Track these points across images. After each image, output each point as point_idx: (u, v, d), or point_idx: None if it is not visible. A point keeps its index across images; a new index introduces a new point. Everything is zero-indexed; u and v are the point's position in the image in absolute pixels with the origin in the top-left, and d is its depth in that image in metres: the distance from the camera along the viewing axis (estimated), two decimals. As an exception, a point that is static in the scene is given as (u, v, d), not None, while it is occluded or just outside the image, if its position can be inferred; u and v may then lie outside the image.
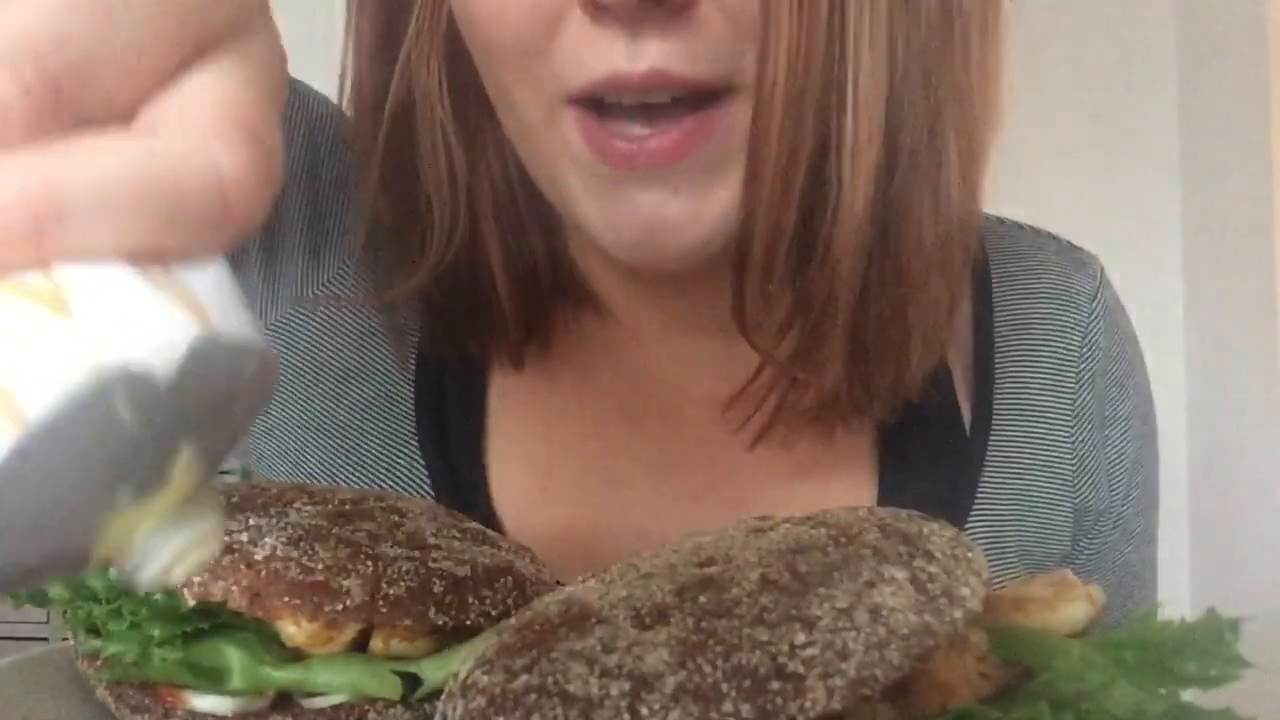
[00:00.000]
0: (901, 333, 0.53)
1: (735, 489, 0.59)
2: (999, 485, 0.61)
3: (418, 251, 0.55)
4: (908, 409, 0.57)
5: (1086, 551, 0.64)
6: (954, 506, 0.59)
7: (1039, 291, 0.65)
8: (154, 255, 0.22)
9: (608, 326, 0.60)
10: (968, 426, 0.61)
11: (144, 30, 0.22)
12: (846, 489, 0.59)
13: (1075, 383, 0.64)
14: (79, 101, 0.22)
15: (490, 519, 0.57)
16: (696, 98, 0.47)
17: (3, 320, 0.22)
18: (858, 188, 0.48)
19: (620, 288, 0.60)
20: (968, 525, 0.59)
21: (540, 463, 0.59)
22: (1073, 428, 0.63)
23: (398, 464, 0.59)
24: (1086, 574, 0.64)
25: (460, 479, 0.58)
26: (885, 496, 0.59)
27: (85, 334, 0.22)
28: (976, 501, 0.60)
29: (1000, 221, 0.67)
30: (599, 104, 0.47)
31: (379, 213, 0.56)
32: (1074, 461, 0.63)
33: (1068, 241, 0.68)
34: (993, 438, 0.61)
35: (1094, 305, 0.65)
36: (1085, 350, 0.64)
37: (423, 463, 0.59)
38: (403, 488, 0.58)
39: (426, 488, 0.58)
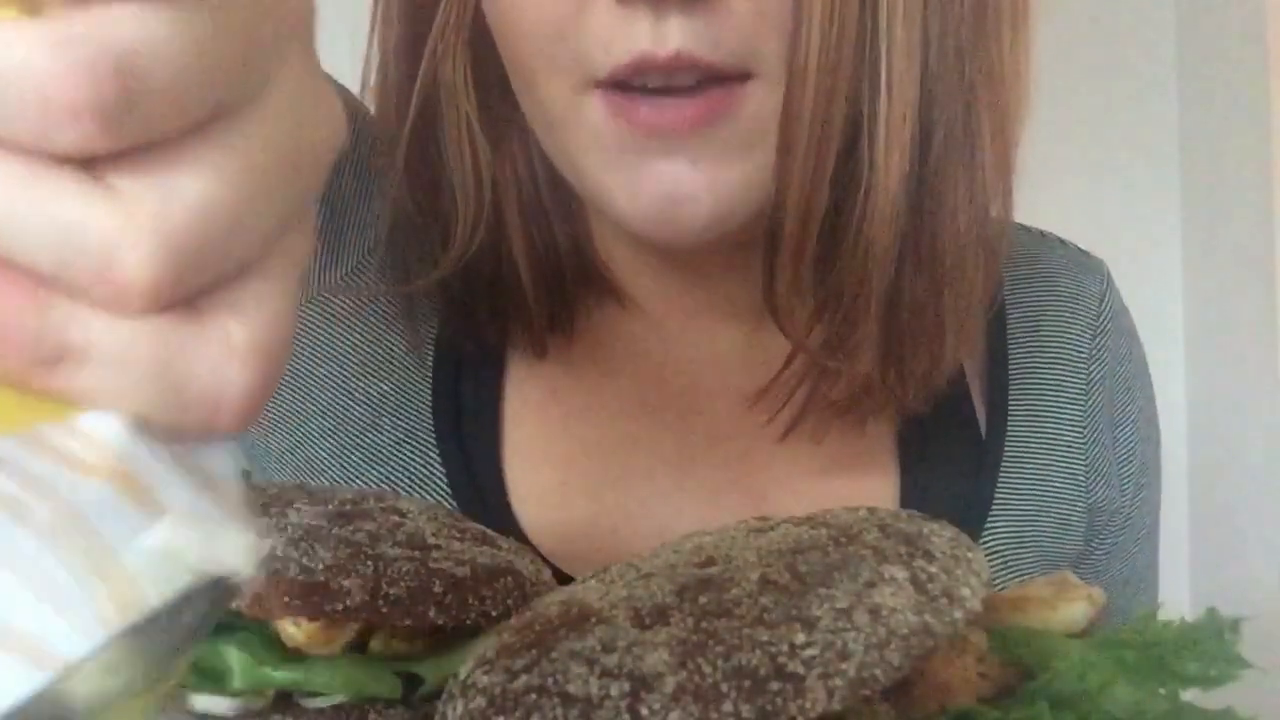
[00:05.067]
0: (936, 318, 0.52)
1: (758, 484, 0.58)
2: (1017, 485, 0.61)
3: (441, 242, 0.56)
4: (927, 409, 0.56)
5: (1097, 552, 0.64)
6: (974, 506, 0.59)
7: (1050, 295, 0.65)
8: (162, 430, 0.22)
9: (631, 318, 0.60)
10: (983, 428, 0.61)
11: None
12: (869, 487, 0.59)
13: (1086, 384, 0.64)
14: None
15: (508, 514, 0.57)
16: (719, 81, 0.47)
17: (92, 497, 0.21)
18: (891, 167, 0.47)
19: (644, 276, 0.59)
20: (988, 525, 0.59)
21: (559, 457, 0.59)
22: (1085, 429, 0.63)
23: (413, 459, 0.59)
24: (1095, 575, 0.64)
25: (477, 474, 0.58)
26: (907, 495, 0.59)
27: (183, 541, 0.22)
28: (996, 501, 0.60)
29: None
30: (624, 87, 0.47)
31: (403, 204, 0.56)
32: (1086, 462, 0.63)
33: (1075, 246, 0.69)
34: (1009, 439, 0.61)
35: (1102, 308, 0.66)
36: (1095, 353, 0.64)
37: (439, 457, 0.58)
38: (418, 483, 0.58)
39: (442, 482, 0.58)
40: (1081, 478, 0.63)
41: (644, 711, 0.28)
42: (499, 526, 0.51)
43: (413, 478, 0.58)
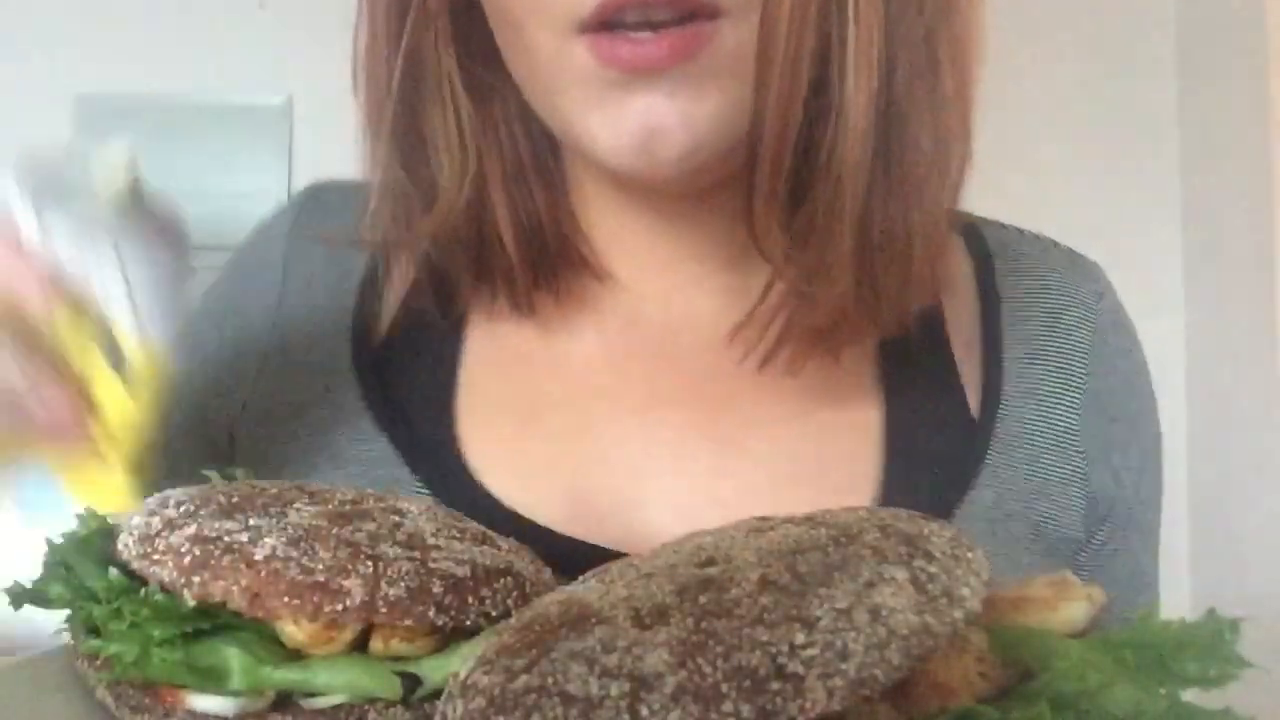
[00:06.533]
0: (906, 237, 0.55)
1: (729, 428, 0.60)
2: (1007, 452, 0.61)
3: (424, 208, 0.58)
4: (909, 380, 0.58)
5: (1105, 549, 0.64)
6: (961, 461, 0.60)
7: (1045, 291, 0.66)
8: None
9: (606, 287, 0.63)
10: (975, 409, 0.61)
11: None
12: (848, 423, 0.60)
13: (1085, 373, 0.64)
14: None
15: (458, 462, 0.58)
16: (693, 16, 0.50)
17: None
18: (860, 88, 0.51)
19: (622, 233, 0.61)
20: (975, 484, 0.60)
21: (520, 410, 0.60)
22: (1082, 415, 0.63)
23: (346, 421, 0.60)
24: (1098, 570, 0.64)
25: (418, 426, 0.59)
26: (890, 432, 0.60)
27: None
28: (985, 463, 0.60)
29: (1003, 227, 0.68)
30: (607, 26, 0.50)
31: (391, 173, 0.58)
32: (1083, 449, 0.63)
33: (1069, 248, 0.69)
34: (1000, 411, 0.62)
35: (1102, 305, 0.66)
36: (1095, 345, 0.65)
37: (370, 416, 0.60)
38: (357, 446, 0.59)
39: (383, 441, 0.59)
40: (1079, 463, 0.63)
41: (644, 711, 0.28)
42: (445, 472, 0.54)
43: (352, 442, 0.59)
